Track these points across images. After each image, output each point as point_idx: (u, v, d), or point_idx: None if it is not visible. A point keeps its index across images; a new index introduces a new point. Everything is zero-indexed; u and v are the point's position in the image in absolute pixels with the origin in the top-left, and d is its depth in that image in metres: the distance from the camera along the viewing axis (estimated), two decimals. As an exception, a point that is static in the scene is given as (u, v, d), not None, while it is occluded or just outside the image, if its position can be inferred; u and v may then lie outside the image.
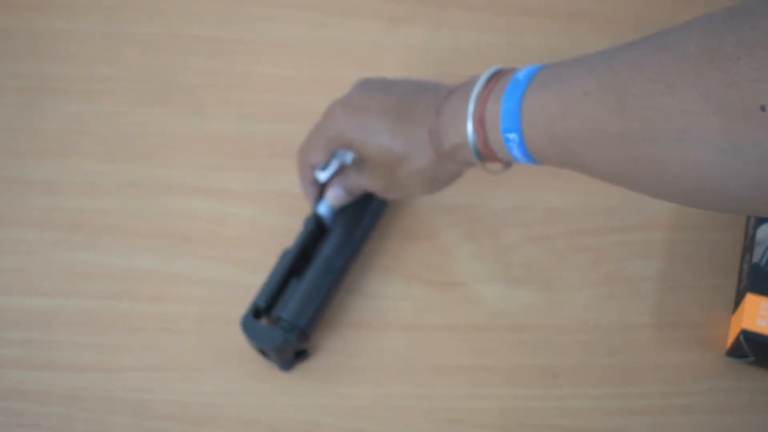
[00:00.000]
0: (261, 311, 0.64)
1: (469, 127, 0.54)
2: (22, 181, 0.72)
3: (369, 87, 0.63)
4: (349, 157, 0.62)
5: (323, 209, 0.66)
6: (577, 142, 0.48)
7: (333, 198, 0.66)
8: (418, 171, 0.60)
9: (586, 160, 0.49)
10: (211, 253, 0.69)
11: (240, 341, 0.65)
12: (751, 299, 0.62)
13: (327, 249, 0.65)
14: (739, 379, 0.64)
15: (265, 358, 0.65)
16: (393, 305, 0.67)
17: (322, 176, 0.63)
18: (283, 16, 0.78)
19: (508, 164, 0.58)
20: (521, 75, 0.52)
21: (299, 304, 0.63)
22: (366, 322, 0.67)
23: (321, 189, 0.66)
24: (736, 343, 0.62)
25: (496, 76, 0.55)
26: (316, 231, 0.66)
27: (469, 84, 0.57)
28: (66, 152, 0.73)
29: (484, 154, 0.55)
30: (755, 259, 0.64)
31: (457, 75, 0.76)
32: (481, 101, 0.54)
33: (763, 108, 0.38)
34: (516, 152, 0.53)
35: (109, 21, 0.78)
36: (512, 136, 0.52)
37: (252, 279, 0.67)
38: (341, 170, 0.65)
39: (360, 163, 0.63)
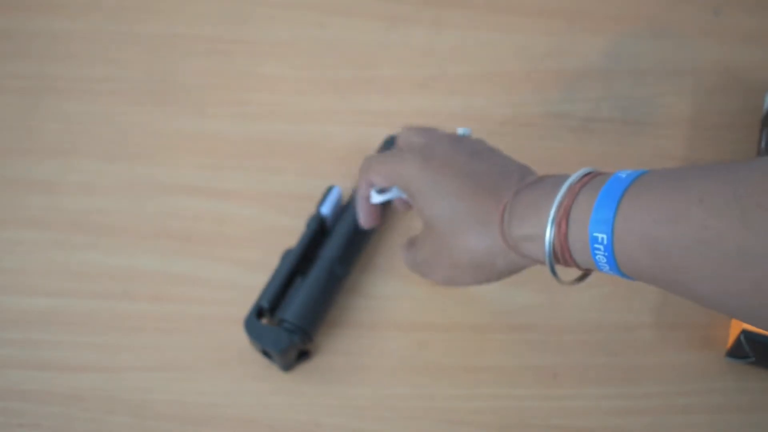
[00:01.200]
0: (264, 312, 0.64)
1: (550, 218, 0.48)
2: (21, 180, 0.72)
3: (458, 146, 0.57)
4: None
5: (326, 209, 0.66)
6: (683, 254, 0.42)
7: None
8: (473, 251, 0.54)
9: (691, 277, 0.42)
10: (212, 253, 0.69)
11: (240, 341, 0.65)
12: (751, 299, 0.62)
13: (330, 250, 0.65)
14: (740, 379, 0.64)
15: (267, 359, 0.65)
16: (393, 305, 0.67)
17: (375, 199, 0.62)
18: (283, 16, 0.78)
19: (583, 275, 0.52)
20: (624, 174, 0.46)
21: (302, 306, 0.63)
22: (366, 322, 0.67)
23: (373, 207, 0.64)
24: (737, 344, 0.62)
25: (591, 174, 0.49)
26: (319, 231, 0.66)
27: (559, 177, 0.51)
28: (66, 152, 0.73)
29: (559, 253, 0.49)
30: (755, 259, 0.64)
31: (457, 74, 0.76)
32: (572, 192, 0.48)
33: None
34: (600, 257, 0.46)
35: (109, 21, 0.78)
36: (601, 236, 0.46)
37: (252, 279, 0.67)
38: None
39: (418, 236, 0.60)
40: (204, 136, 0.73)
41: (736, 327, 0.63)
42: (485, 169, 0.55)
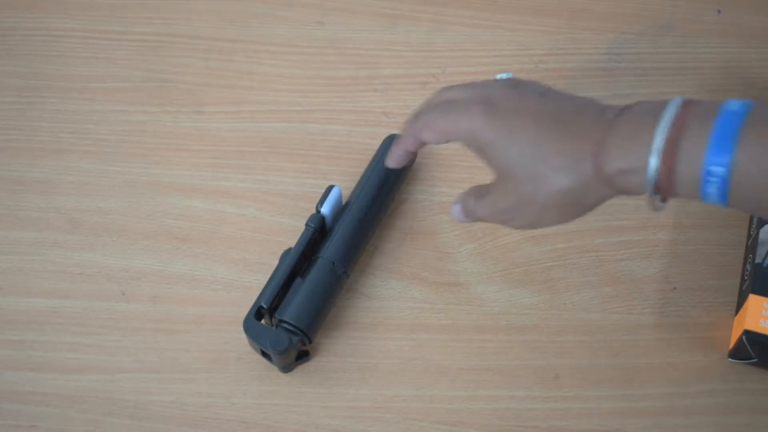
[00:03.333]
0: (263, 312, 0.63)
1: (654, 153, 0.47)
2: (19, 180, 0.71)
3: (521, 89, 0.55)
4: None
5: (326, 209, 0.66)
6: None
7: (454, 213, 0.60)
8: (563, 191, 0.52)
9: None
10: (210, 253, 0.69)
11: (239, 342, 0.65)
12: (754, 300, 0.62)
13: (329, 250, 0.65)
14: (742, 380, 0.64)
15: (266, 360, 0.64)
16: (393, 305, 0.67)
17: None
18: (283, 15, 0.78)
19: (665, 200, 0.50)
20: (734, 107, 0.47)
21: (301, 306, 0.63)
22: (366, 322, 0.66)
23: (407, 160, 0.62)
24: (739, 344, 0.62)
25: (686, 105, 0.48)
26: (319, 231, 0.66)
27: (649, 106, 0.50)
28: (64, 152, 0.72)
29: (662, 185, 0.48)
30: (758, 259, 0.63)
31: (457, 72, 0.76)
32: (679, 124, 0.47)
33: None
34: (711, 189, 0.47)
35: (108, 20, 0.78)
36: (719, 170, 0.46)
37: (251, 279, 0.67)
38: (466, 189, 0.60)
39: (490, 184, 0.56)
40: (203, 135, 0.73)
41: (739, 327, 0.63)
42: (558, 108, 0.53)
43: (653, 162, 0.48)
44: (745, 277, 0.65)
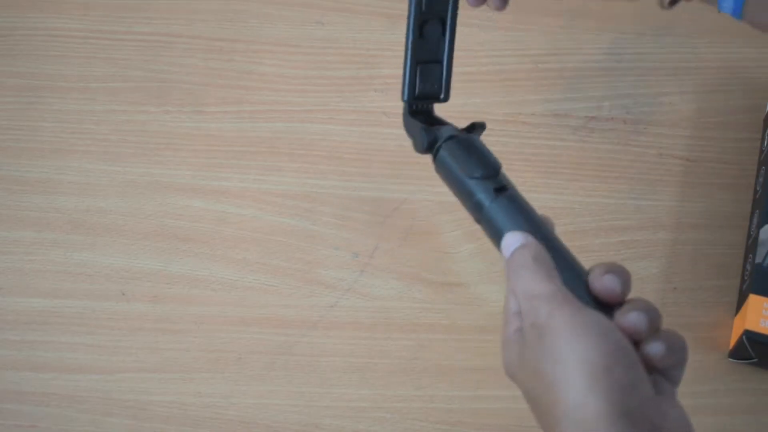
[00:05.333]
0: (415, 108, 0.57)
1: None
2: (19, 180, 0.71)
3: None
4: None
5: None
6: None
7: None
8: None
9: None
10: (210, 253, 0.69)
11: (239, 342, 0.65)
12: (754, 300, 0.62)
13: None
14: (742, 380, 0.64)
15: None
16: (393, 305, 0.67)
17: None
18: (283, 14, 0.78)
19: None
20: None
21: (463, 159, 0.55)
22: (366, 322, 0.66)
23: None
24: (739, 344, 0.62)
25: None
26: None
27: None
28: (64, 152, 0.72)
29: None
30: (758, 259, 0.63)
31: (457, 72, 0.75)
32: None
33: None
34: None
35: (108, 20, 0.78)
36: None
37: (251, 279, 0.67)
38: None
39: None
40: (203, 135, 0.73)
41: (739, 327, 0.63)
42: None
43: None
44: (745, 277, 0.65)
